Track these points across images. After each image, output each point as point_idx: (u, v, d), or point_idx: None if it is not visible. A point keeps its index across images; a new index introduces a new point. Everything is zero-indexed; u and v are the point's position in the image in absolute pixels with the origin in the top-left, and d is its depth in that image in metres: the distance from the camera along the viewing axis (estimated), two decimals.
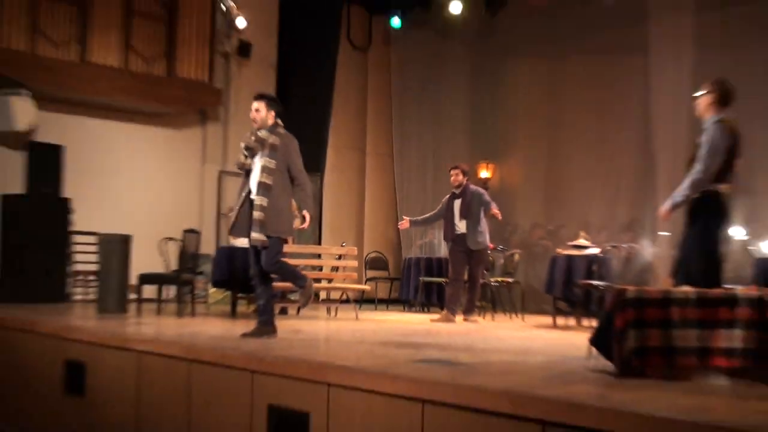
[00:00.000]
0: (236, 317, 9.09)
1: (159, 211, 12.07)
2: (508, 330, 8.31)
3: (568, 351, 5.95)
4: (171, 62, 11.89)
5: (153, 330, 6.80)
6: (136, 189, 12.06)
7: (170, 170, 12.51)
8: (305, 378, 4.50)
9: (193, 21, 12.12)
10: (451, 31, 13.76)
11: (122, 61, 11.42)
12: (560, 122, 12.85)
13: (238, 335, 6.32)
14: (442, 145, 14.08)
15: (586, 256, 9.16)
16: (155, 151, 12.39)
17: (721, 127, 5.51)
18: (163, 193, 12.34)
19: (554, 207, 12.75)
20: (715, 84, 5.70)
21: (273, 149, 6.49)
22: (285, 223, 6.41)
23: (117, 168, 11.92)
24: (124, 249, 8.73)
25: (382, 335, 7.04)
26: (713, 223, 5.49)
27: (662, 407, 3.37)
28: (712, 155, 5.43)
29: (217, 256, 9.90)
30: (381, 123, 14.54)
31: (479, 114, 14.04)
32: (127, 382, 5.84)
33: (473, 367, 4.69)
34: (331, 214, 13.87)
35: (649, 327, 4.36)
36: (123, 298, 8.70)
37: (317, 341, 6.37)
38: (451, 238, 9.61)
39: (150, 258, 9.59)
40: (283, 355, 4.93)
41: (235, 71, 13.11)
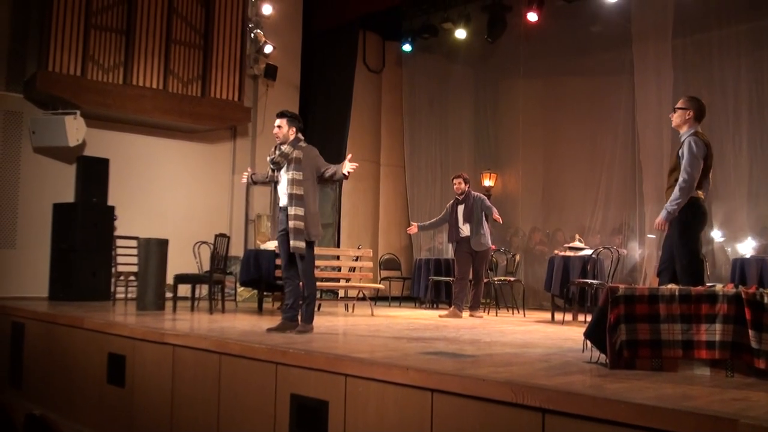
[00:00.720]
0: (262, 313, 9.08)
1: (193, 217, 12.08)
2: (510, 325, 8.27)
3: (565, 344, 5.93)
4: (205, 84, 11.90)
5: (187, 325, 6.81)
6: (173, 197, 12.07)
7: (203, 180, 12.52)
8: (324, 369, 4.48)
9: (226, 47, 12.13)
10: (456, 55, 13.74)
11: (162, 83, 11.43)
12: (555, 135, 12.82)
13: (264, 330, 6.30)
14: (449, 157, 14.05)
15: (581, 257, 9.11)
16: (190, 163, 12.40)
17: (697, 140, 5.56)
18: (197, 201, 12.35)
19: (551, 212, 12.70)
20: (691, 100, 5.74)
21: (298, 162, 6.51)
22: (318, 227, 6.53)
23: (156, 179, 11.94)
24: (162, 252, 8.74)
25: (394, 330, 7.02)
26: (693, 226, 5.51)
27: (650, 396, 3.35)
28: (693, 164, 5.46)
29: (245, 258, 9.91)
30: (393, 137, 14.51)
31: (482, 128, 14.03)
32: (163, 373, 5.82)
33: (478, 358, 4.66)
34: (349, 220, 13.84)
35: (638, 322, 4.33)
36: (160, 296, 8.70)
37: (335, 335, 6.35)
38: (456, 240, 9.59)
39: (185, 260, 9.60)
40: (305, 348, 4.90)
41: (262, 92, 13.11)
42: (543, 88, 13.04)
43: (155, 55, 11.38)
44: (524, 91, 13.03)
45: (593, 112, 12.04)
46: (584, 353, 4.81)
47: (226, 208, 12.80)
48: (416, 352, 4.93)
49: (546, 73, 12.82)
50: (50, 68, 10.40)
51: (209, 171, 12.61)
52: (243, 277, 9.68)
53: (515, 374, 3.93)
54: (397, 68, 14.56)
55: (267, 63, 12.89)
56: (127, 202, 11.28)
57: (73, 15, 10.61)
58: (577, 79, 12.30)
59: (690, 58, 10.71)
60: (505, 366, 4.33)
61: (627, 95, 11.25)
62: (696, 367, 4.24)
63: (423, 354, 4.80)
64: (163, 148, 12.10)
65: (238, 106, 12.29)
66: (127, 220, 11.02)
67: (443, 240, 13.51)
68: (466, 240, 9.50)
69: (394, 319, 8.83)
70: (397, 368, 4.08)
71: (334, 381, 4.39)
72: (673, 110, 5.75)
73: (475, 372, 3.94)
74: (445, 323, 8.17)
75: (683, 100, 5.76)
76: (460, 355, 4.84)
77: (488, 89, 13.90)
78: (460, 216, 9.59)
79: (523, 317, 9.73)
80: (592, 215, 11.79)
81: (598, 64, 11.84)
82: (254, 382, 4.98)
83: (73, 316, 7.27)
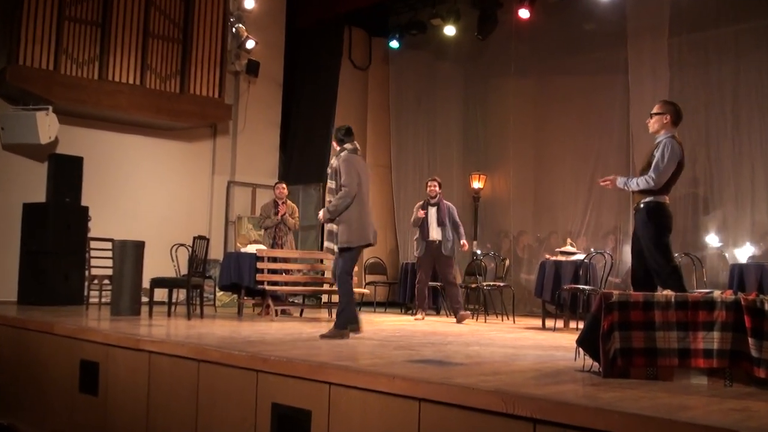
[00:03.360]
0: (242, 319, 9.04)
1: (170, 218, 12.02)
2: (500, 332, 8.27)
3: (556, 352, 5.94)
4: (184, 80, 11.83)
5: (163, 331, 6.77)
6: (150, 198, 12.00)
7: (182, 180, 12.45)
8: (307, 377, 4.47)
9: (206, 42, 12.07)
10: (445, 52, 13.75)
11: (139, 78, 11.36)
12: (547, 135, 12.85)
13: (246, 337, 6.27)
14: (437, 157, 14.06)
15: (572, 262, 9.12)
16: (168, 162, 12.34)
17: (675, 143, 5.71)
18: (175, 201, 12.28)
19: (542, 215, 12.72)
20: (670, 105, 5.90)
21: (335, 172, 6.94)
22: (352, 234, 6.84)
23: (132, 178, 11.86)
24: (138, 254, 8.68)
25: (380, 336, 7.01)
26: (663, 231, 5.66)
27: (645, 406, 3.35)
28: (667, 167, 5.63)
29: (224, 262, 9.88)
30: (380, 136, 14.50)
31: (471, 128, 14.04)
32: (138, 381, 5.78)
33: (467, 367, 4.66)
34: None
35: (632, 329, 4.33)
36: (136, 301, 8.64)
37: (318, 342, 6.32)
38: (426, 240, 9.94)
39: (162, 263, 9.54)
40: (286, 355, 4.88)
41: (244, 88, 13.06)
42: (534, 86, 13.07)
43: (132, 49, 11.31)
44: (515, 90, 13.06)
45: (586, 111, 12.07)
46: (576, 361, 4.80)
47: (205, 209, 12.74)
48: (403, 359, 4.92)
49: (538, 72, 12.85)
50: (21, 62, 10.30)
51: (188, 170, 12.55)
52: (222, 282, 9.66)
53: (505, 383, 3.92)
54: (384, 65, 14.55)
55: (249, 59, 12.84)
56: (101, 203, 11.20)
57: (46, 6, 10.52)
58: (570, 78, 12.33)
59: (686, 57, 10.76)
60: (494, 374, 4.32)
61: (621, 94, 11.28)
62: (693, 377, 4.24)
63: (410, 362, 4.79)
64: (140, 147, 12.03)
65: (219, 103, 12.24)
66: (102, 221, 10.94)
67: None
68: (436, 244, 9.91)
69: (379, 325, 8.81)
70: (382, 376, 4.07)
71: (317, 389, 4.37)
72: (650, 116, 5.88)
73: (464, 380, 3.93)
74: (433, 330, 8.16)
75: (660, 105, 5.91)
76: (448, 363, 4.83)
77: (478, 88, 13.92)
78: (433, 219, 9.97)
79: (513, 324, 9.73)
80: (584, 218, 11.82)
81: (591, 63, 11.87)
82: (234, 390, 4.95)
83: (43, 321, 7.21)
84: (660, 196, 5.69)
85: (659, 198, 5.69)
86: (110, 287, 8.87)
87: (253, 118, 13.10)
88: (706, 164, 10.59)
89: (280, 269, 9.67)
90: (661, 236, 5.63)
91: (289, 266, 9.89)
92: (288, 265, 9.92)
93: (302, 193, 13.15)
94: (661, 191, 5.69)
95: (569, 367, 4.80)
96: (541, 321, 9.26)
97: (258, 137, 13.13)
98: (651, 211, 5.68)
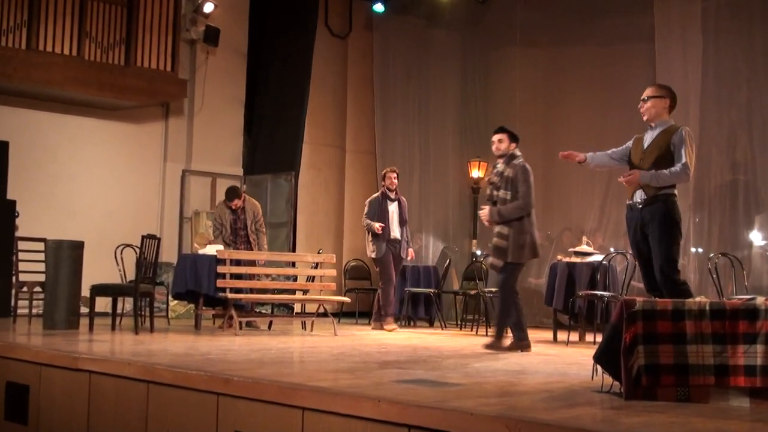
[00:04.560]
0: (200, 333, 9.01)
1: (114, 214, 11.96)
2: None
3: (570, 369, 5.95)
4: (130, 50, 11.77)
5: (106, 348, 6.73)
6: (89, 190, 11.94)
7: (128, 169, 12.39)
8: (277, 401, 4.45)
9: (156, 5, 12.00)
10: (440, 17, 13.75)
11: (76, 48, 11.28)
12: (558, 116, 12.87)
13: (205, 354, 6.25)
14: (430, 141, 14.06)
15: (589, 264, 9.15)
16: (111, 148, 12.27)
17: (690, 134, 5.99)
18: (120, 194, 12.22)
19: (553, 209, 12.74)
20: (666, 89, 6.19)
21: (507, 181, 7.57)
22: (525, 250, 7.53)
23: (69, 167, 11.79)
24: (75, 257, 8.62)
25: (363, 353, 7.01)
26: (678, 230, 5.90)
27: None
28: (691, 158, 5.87)
29: (179, 265, 9.85)
30: (362, 117, 14.49)
31: (470, 107, 14.05)
32: (76, 407, 5.74)
33: (465, 387, 4.66)
34: (307, 218, 13.78)
35: (660, 342, 4.34)
36: (73, 312, 8.58)
37: (290, 360, 6.30)
38: (387, 239, 10.35)
39: (104, 267, 9.50)
40: (252, 375, 4.86)
41: (201, 60, 13.01)
42: (544, 58, 13.08)
43: (67, 13, 11.23)
44: (521, 62, 13.07)
45: (605, 87, 12.10)
46: (594, 381, 4.82)
47: (156, 204, 12.69)
48: (390, 379, 4.92)
49: (548, 41, 12.86)
50: None
51: (135, 157, 12.49)
52: (177, 289, 9.63)
53: (510, 406, 3.92)
54: (367, 33, 14.53)
55: (207, 25, 12.78)
56: (31, 196, 11.13)
57: None
58: (586, 48, 12.34)
59: (724, 22, 10.73)
60: (497, 396, 4.33)
61: (646, 67, 11.28)
62: (732, 398, 4.26)
63: (398, 382, 4.79)
64: (78, 129, 11.96)
65: (171, 78, 12.18)
66: (32, 218, 10.87)
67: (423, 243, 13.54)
68: (397, 244, 10.40)
69: (362, 339, 8.81)
70: (366, 400, 4.06)
71: (289, 416, 4.36)
72: (643, 100, 6.13)
73: (462, 404, 3.93)
74: (425, 344, 8.18)
75: (656, 88, 6.20)
76: (444, 383, 4.84)
77: (478, 60, 13.92)
78: (394, 216, 10.44)
79: None
80: (602, 212, 11.85)
81: (611, 29, 11.88)
82: (190, 417, 4.93)
83: None
84: (672, 189, 5.95)
85: (672, 191, 5.95)
86: (42, 296, 8.81)
87: (213, 96, 13.05)
88: (748, 149, 10.63)
89: (246, 274, 9.64)
90: (677, 229, 5.87)
91: (255, 270, 9.87)
92: (255, 269, 9.89)
93: (271, 185, 13.13)
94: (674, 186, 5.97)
95: (585, 387, 4.81)
96: (552, 333, 9.31)
97: (218, 118, 13.08)
98: (673, 205, 5.91)
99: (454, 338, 9.36)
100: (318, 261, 10.10)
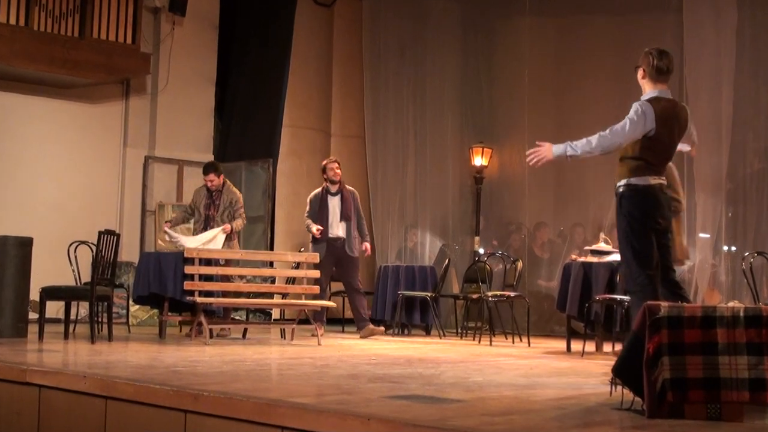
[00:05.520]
0: (165, 342, 9.01)
1: (67, 206, 11.96)
2: (510, 357, 8.30)
3: (586, 383, 5.96)
4: (85, 20, 11.76)
5: (58, 359, 6.73)
6: (39, 179, 11.94)
7: (83, 155, 12.38)
8: (252, 420, 4.44)
9: None
10: None
11: (23, 18, 11.27)
12: (574, 95, 12.88)
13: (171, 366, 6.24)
14: (426, 125, 14.03)
15: (607, 264, 9.14)
16: (64, 131, 12.26)
17: (642, 105, 6.16)
18: (73, 184, 12.21)
19: (567, 202, 12.76)
20: (642, 56, 6.31)
21: None
22: None
23: (14, 152, 11.79)
24: (23, 255, 8.64)
25: (350, 365, 7.00)
26: (636, 224, 5.96)
27: None
28: (627, 127, 6.12)
29: (141, 265, 9.83)
30: (350, 97, 14.48)
31: (472, 86, 14.04)
32: (24, 425, 5.73)
33: (467, 404, 4.67)
34: (286, 211, 13.74)
35: (687, 353, 4.34)
36: (20, 318, 8.60)
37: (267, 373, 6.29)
38: (326, 238, 10.57)
39: (56, 267, 9.48)
40: (224, 390, 4.85)
41: (166, 32, 13.00)
42: (557, 30, 13.09)
43: None
44: (532, 35, 13.08)
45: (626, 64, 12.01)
46: (613, 396, 4.82)
47: (115, 195, 12.68)
48: (381, 395, 4.93)
49: (561, 11, 12.86)
50: None
51: (91, 142, 12.48)
52: (138, 292, 9.62)
53: (518, 426, 3.93)
54: (356, 2, 14.53)
55: None
56: None
57: None
58: (605, 19, 12.35)
59: None
60: (503, 415, 4.33)
61: (672, 41, 11.27)
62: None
63: (390, 398, 4.80)
64: (26, 110, 11.95)
65: (132, 52, 12.17)
66: None
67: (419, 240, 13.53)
68: (339, 242, 10.61)
69: (349, 350, 8.81)
70: (354, 418, 4.06)
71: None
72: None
73: (462, 423, 3.93)
74: (421, 355, 8.17)
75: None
76: (442, 399, 4.84)
77: (482, 32, 13.92)
78: (336, 211, 10.65)
79: (527, 347, 9.79)
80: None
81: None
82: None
83: None
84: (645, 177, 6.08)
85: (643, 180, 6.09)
86: None
87: (180, 72, 13.03)
88: None
89: (217, 275, 9.63)
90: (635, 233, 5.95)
91: (228, 271, 9.86)
92: (228, 269, 9.88)
93: (245, 174, 13.12)
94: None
95: (603, 403, 4.81)
96: (565, 343, 9.31)
97: (186, 97, 13.07)
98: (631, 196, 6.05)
99: (453, 348, 9.36)
100: (299, 260, 10.10)
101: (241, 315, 11.15)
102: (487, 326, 10.76)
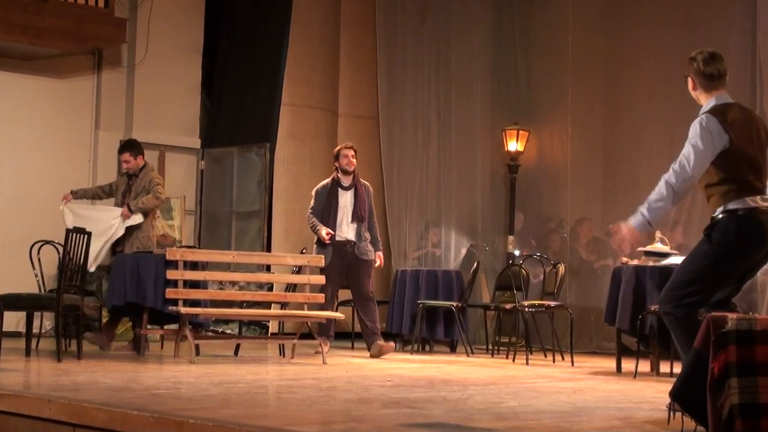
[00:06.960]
0: (144, 359, 9.02)
1: (29, 200, 12.01)
2: (551, 379, 8.32)
3: (639, 409, 5.95)
4: None
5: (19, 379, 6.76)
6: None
7: (48, 139, 12.43)
8: None
9: None
10: None
11: None
12: (624, 73, 12.85)
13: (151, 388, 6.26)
14: (452, 104, 14.03)
15: (665, 268, 9.12)
16: (25, 110, 12.29)
17: (704, 120, 5.87)
18: (37, 173, 12.25)
19: (617, 195, 12.73)
20: (688, 61, 6.04)
21: None
22: None
23: None
24: None
25: (362, 387, 7.02)
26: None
27: None
28: (691, 153, 5.79)
29: (116, 269, 9.83)
30: (361, 72, 14.48)
31: (506, 60, 14.04)
32: None
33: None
34: (286, 205, 13.74)
35: (759, 374, 4.34)
36: None
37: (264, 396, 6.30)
38: (333, 242, 10.32)
39: (16, 271, 9.52)
40: (213, 417, 4.88)
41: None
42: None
43: None
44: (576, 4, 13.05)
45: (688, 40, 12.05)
46: (670, 425, 4.85)
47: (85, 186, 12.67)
48: (397, 423, 4.93)
49: None
50: None
51: (58, 123, 12.52)
52: (113, 300, 9.62)
53: None
54: None
55: None
56: None
57: None
58: None
59: None
60: None
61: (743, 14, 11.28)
62: None
63: (408, 426, 4.80)
64: None
65: (106, 17, 12.21)
66: None
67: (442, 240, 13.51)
68: (349, 245, 10.37)
69: (360, 370, 8.83)
70: None
71: None
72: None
73: None
74: (445, 377, 8.18)
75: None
76: (469, 429, 4.84)
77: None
78: (347, 209, 10.42)
79: (570, 366, 9.81)
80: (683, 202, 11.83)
81: None
82: None
83: None
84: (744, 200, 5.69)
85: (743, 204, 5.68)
86: None
87: (161, 42, 13.05)
88: None
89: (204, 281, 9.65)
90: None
91: (218, 276, 9.88)
92: (217, 274, 9.90)
93: (238, 161, 13.14)
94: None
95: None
96: (614, 362, 9.30)
97: (168, 71, 13.09)
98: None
99: (483, 368, 9.37)
100: (301, 264, 10.10)
101: (233, 328, 11.16)
102: (522, 342, 10.76)
